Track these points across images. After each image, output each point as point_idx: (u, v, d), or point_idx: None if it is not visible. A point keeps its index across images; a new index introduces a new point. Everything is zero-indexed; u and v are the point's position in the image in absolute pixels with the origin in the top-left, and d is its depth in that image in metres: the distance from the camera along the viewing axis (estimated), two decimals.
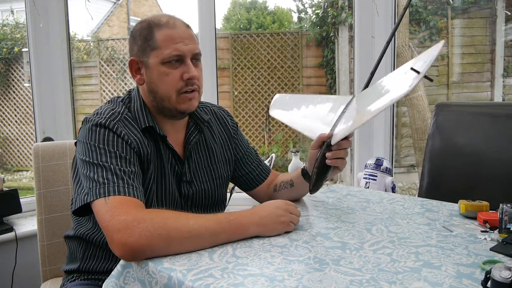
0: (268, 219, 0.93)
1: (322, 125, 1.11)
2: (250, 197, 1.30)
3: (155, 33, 1.01)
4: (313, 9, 4.60)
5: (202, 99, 1.15)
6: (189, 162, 1.11)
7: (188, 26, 1.06)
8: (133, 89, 1.11)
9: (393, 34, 1.24)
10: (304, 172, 1.17)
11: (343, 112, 1.10)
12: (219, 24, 7.47)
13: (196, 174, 1.12)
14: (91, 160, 0.94)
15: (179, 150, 1.10)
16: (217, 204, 1.19)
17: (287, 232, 0.96)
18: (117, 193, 0.89)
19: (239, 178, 1.25)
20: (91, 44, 5.16)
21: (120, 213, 0.85)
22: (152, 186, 1.04)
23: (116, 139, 0.97)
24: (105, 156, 0.94)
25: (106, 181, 0.91)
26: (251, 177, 1.25)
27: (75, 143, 1.04)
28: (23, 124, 4.92)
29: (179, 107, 1.04)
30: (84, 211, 0.94)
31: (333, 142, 1.04)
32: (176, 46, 1.01)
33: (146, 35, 1.02)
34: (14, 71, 4.86)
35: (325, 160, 1.04)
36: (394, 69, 2.14)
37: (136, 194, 0.91)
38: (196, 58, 1.05)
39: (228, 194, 2.03)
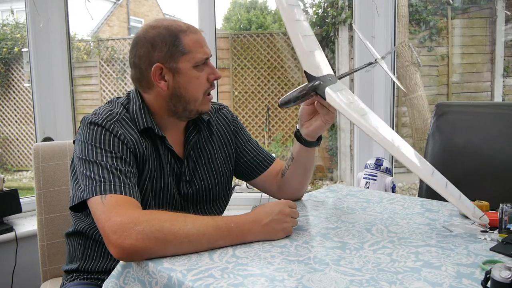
0: (270, 226, 0.91)
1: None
2: (250, 198, 1.29)
3: (182, 38, 1.03)
4: (314, 9, 4.60)
5: None
6: (189, 161, 1.12)
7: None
8: (132, 90, 1.11)
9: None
10: (297, 133, 1.15)
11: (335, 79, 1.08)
12: (219, 24, 7.47)
13: (196, 173, 1.13)
14: (87, 158, 0.95)
15: (178, 149, 1.10)
16: (219, 199, 1.18)
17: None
18: (113, 192, 0.90)
19: (238, 167, 1.24)
20: (91, 44, 5.16)
21: (117, 214, 0.85)
22: (148, 185, 1.04)
23: (113, 138, 0.98)
24: (100, 155, 0.95)
25: (102, 179, 0.91)
26: (251, 165, 1.23)
27: (74, 142, 1.06)
28: (23, 124, 4.91)
29: (201, 108, 1.08)
30: (81, 207, 0.95)
31: (328, 99, 1.02)
32: (204, 49, 1.05)
33: (173, 40, 1.02)
34: (14, 71, 4.86)
35: (305, 93, 1.03)
36: (394, 69, 2.14)
37: (132, 193, 0.92)
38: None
39: None
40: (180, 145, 1.12)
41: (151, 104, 1.08)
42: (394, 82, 2.15)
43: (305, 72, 1.05)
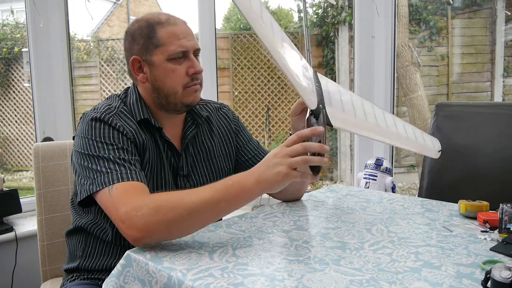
0: (266, 172, 0.85)
1: (302, 78, 1.00)
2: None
3: (157, 30, 1.03)
4: (314, 9, 4.59)
5: (202, 97, 1.16)
6: (187, 156, 1.12)
7: (186, 23, 1.09)
8: (131, 85, 1.13)
9: None
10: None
11: (321, 87, 1.03)
12: (219, 24, 7.46)
13: (194, 168, 1.13)
14: (90, 153, 0.96)
15: (176, 143, 1.11)
16: None
17: (288, 232, 0.96)
18: (120, 180, 0.91)
19: (239, 166, 1.24)
20: (91, 44, 5.16)
21: (122, 204, 0.87)
22: (147, 176, 1.04)
23: (112, 131, 0.99)
24: (103, 149, 0.96)
25: (109, 170, 0.93)
26: (251, 164, 1.22)
27: (73, 137, 1.06)
28: (23, 124, 4.91)
29: (185, 101, 1.06)
30: (88, 202, 0.96)
31: (334, 123, 0.96)
32: (181, 42, 1.03)
33: (148, 33, 1.03)
34: (14, 71, 4.86)
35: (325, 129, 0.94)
36: (394, 69, 2.14)
37: (138, 178, 0.94)
38: (196, 53, 1.08)
39: None
40: (178, 139, 1.13)
41: (144, 97, 1.09)
42: (394, 82, 2.15)
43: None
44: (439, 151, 1.08)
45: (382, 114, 1.10)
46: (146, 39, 1.04)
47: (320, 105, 0.96)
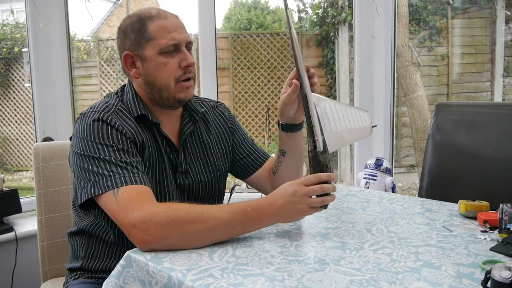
0: (285, 208, 0.90)
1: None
2: (250, 198, 1.28)
3: (148, 25, 1.03)
4: (313, 8, 4.59)
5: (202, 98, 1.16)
6: (185, 152, 1.12)
7: (177, 17, 1.08)
8: (127, 83, 1.12)
9: None
10: (287, 125, 1.13)
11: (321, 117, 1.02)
12: (219, 24, 7.47)
13: (192, 165, 1.13)
14: (90, 154, 0.95)
15: (174, 140, 1.11)
16: (215, 196, 1.18)
17: (288, 232, 0.96)
18: (124, 183, 0.91)
19: (234, 164, 1.24)
20: (91, 44, 5.16)
21: (133, 210, 0.87)
22: (148, 173, 1.04)
23: (111, 130, 0.98)
24: (103, 151, 0.95)
25: (111, 173, 0.92)
26: (246, 162, 1.23)
27: (70, 138, 1.05)
28: (23, 124, 4.91)
29: (177, 96, 1.06)
30: (89, 204, 0.95)
31: (331, 149, 0.99)
32: (172, 35, 1.03)
33: (139, 28, 1.03)
34: (14, 71, 4.86)
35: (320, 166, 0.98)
36: (394, 69, 2.14)
37: (142, 181, 0.93)
38: (188, 46, 1.07)
39: (228, 195, 2.03)
40: (176, 135, 1.12)
41: (139, 93, 1.09)
42: (394, 82, 2.15)
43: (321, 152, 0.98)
44: (373, 127, 1.06)
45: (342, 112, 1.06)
46: (137, 34, 1.03)
47: (323, 136, 0.98)
